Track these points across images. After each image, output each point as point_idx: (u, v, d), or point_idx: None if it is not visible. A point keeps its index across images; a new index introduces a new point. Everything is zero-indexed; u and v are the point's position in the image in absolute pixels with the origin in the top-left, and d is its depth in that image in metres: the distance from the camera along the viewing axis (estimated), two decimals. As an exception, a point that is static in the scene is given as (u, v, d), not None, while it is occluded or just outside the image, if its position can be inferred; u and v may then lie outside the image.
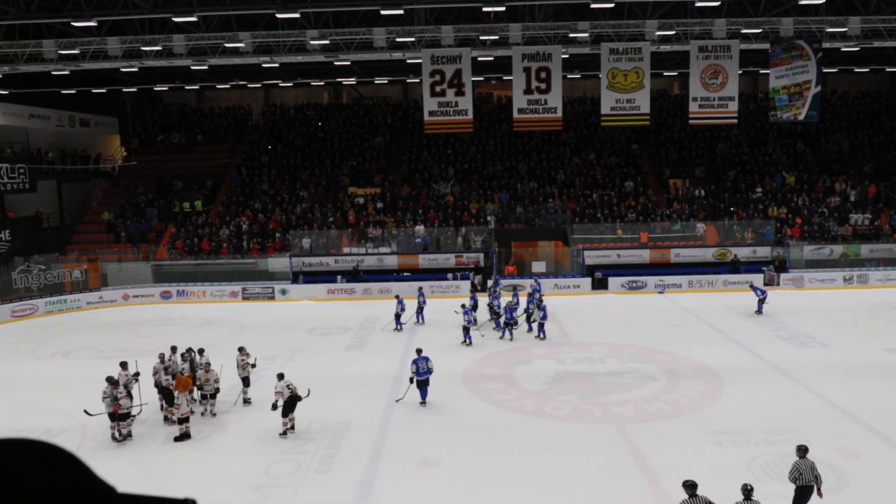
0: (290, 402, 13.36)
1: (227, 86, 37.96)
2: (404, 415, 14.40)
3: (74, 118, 35.52)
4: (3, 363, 19.91)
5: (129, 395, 13.61)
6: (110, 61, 24.79)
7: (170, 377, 14.52)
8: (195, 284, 28.62)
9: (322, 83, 38.29)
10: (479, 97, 39.38)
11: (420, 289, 23.78)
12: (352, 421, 14.04)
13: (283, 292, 28.20)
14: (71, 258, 29.90)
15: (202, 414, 14.57)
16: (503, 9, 22.66)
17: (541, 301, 21.06)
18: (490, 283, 25.29)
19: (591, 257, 28.78)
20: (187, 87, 38.04)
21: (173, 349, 15.90)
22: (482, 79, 36.90)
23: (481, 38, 25.25)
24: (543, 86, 25.88)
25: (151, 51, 24.06)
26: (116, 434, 13.34)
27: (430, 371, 14.81)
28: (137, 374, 14.57)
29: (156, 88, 36.83)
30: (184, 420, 13.41)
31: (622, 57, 25.47)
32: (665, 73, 37.58)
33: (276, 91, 41.98)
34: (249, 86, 38.21)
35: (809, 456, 9.47)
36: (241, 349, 15.91)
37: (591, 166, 34.85)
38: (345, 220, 31.61)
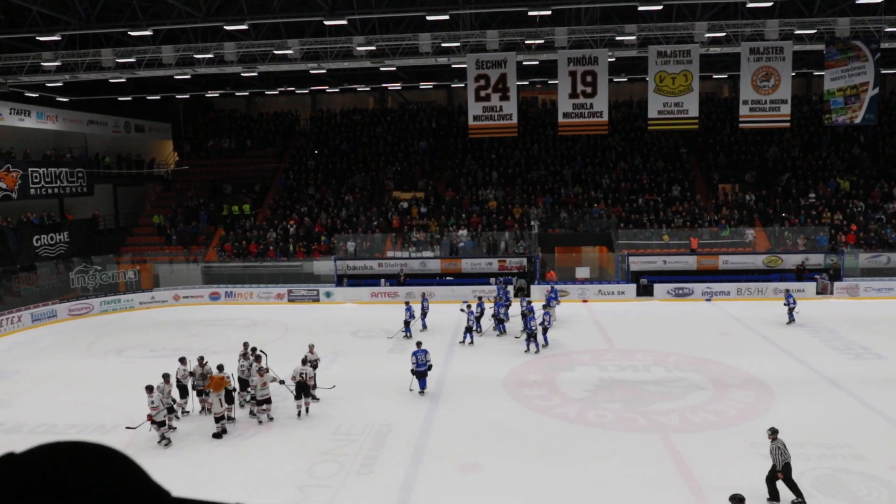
0: (302, 387, 13.99)
1: (276, 92, 38.71)
2: (446, 418, 14.43)
3: (130, 124, 36.73)
4: (60, 359, 20.66)
5: (182, 391, 14.08)
6: (164, 69, 25.55)
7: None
8: (243, 286, 29.24)
9: (368, 89, 38.77)
10: (524, 101, 39.25)
11: (423, 294, 23.93)
12: (393, 423, 14.13)
13: (328, 295, 28.58)
14: (125, 259, 30.89)
15: (259, 422, 14.46)
16: (549, 12, 22.58)
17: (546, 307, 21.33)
18: (496, 290, 25.21)
19: (637, 263, 28.38)
20: (237, 94, 38.94)
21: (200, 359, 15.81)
22: (527, 83, 36.82)
23: (526, 42, 25.19)
24: (589, 89, 25.66)
25: (203, 58, 24.71)
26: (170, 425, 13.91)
27: (427, 363, 15.93)
28: (192, 373, 15.02)
29: (207, 95, 37.79)
30: (219, 418, 13.79)
31: (670, 60, 25.08)
32: (714, 76, 36.88)
33: (323, 97, 42.63)
34: (297, 92, 38.89)
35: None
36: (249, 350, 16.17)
37: (637, 171, 34.38)
38: (389, 224, 31.87)
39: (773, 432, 10.64)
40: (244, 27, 22.25)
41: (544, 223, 31.15)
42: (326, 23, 21.82)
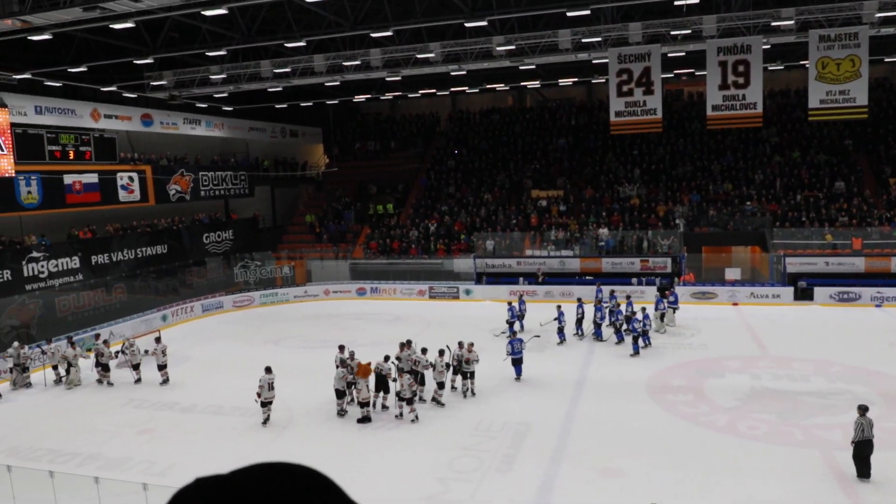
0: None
1: (418, 94, 39.84)
2: (586, 421, 14.27)
3: (286, 129, 39.38)
4: (226, 347, 22.60)
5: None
6: (316, 77, 27.12)
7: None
8: (387, 282, 30.45)
9: (507, 88, 38.89)
10: (669, 94, 37.64)
11: (521, 295, 23.57)
12: (532, 423, 14.18)
13: (468, 292, 29.09)
14: (281, 256, 33.20)
15: (399, 416, 15.46)
16: (696, 0, 21.55)
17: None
18: (598, 293, 24.14)
19: (794, 264, 26.38)
20: (382, 98, 40.50)
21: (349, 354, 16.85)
22: (672, 75, 35.25)
23: (672, 33, 24.17)
24: (741, 80, 24.17)
25: (351, 65, 25.95)
26: (341, 409, 15.08)
27: (522, 352, 17.04)
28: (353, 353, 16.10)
29: (354, 100, 39.61)
30: (364, 404, 14.57)
31: (834, 44, 23.07)
32: (887, 60, 33.42)
33: (462, 97, 43.32)
34: (438, 93, 39.79)
35: None
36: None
37: (795, 165, 31.97)
38: (527, 222, 31.88)
39: (862, 409, 11.13)
40: (389, 33, 23.12)
41: (690, 221, 29.78)
42: (467, 24, 22.18)
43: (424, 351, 16.18)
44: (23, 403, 17.55)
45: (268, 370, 15.34)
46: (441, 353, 15.74)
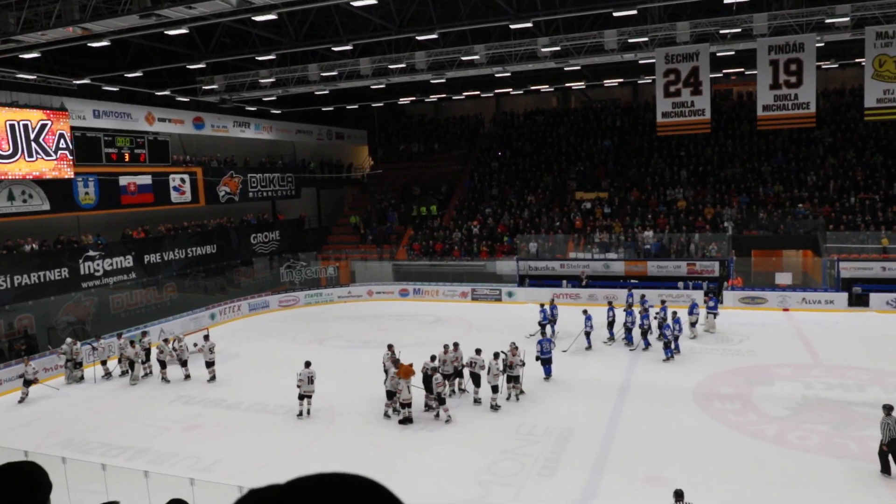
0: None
1: (462, 96, 39.91)
2: (630, 427, 14.08)
3: (332, 132, 39.92)
4: (271, 346, 23.02)
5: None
6: (362, 80, 27.42)
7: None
8: (429, 284, 30.56)
9: (551, 89, 38.63)
10: (717, 95, 36.91)
11: (553, 299, 23.22)
12: (575, 428, 14.06)
13: (510, 294, 28.99)
14: (326, 257, 33.65)
15: (436, 416, 15.53)
16: (747, -2, 21.07)
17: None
18: (628, 298, 23.63)
19: (848, 269, 25.52)
20: (426, 100, 40.70)
21: (391, 355, 16.99)
22: (720, 75, 34.52)
23: (721, 32, 23.66)
24: (793, 79, 23.52)
25: (396, 68, 26.15)
26: (389, 411, 15.16)
27: (551, 352, 17.23)
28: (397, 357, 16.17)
29: (399, 102, 39.91)
30: (406, 405, 14.63)
31: (892, 41, 22.23)
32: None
33: (506, 99, 43.22)
34: (482, 95, 39.79)
35: None
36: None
37: (849, 166, 30.95)
38: (571, 224, 31.61)
39: (888, 409, 11.36)
40: (434, 36, 23.20)
41: (739, 224, 29.10)
42: (512, 26, 22.12)
43: (478, 352, 16.16)
44: (76, 397, 18.20)
45: (307, 364, 15.85)
46: (496, 355, 15.72)
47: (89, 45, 19.55)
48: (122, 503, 4.47)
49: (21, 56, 20.04)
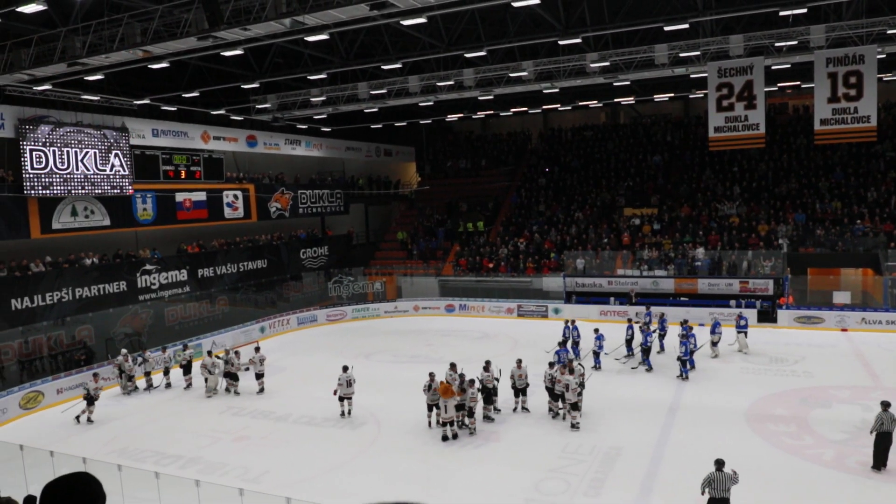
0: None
1: (510, 112, 39.97)
2: (679, 448, 13.74)
3: (380, 149, 40.49)
4: (319, 359, 23.29)
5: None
6: (411, 97, 27.76)
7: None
8: (475, 300, 30.53)
9: (600, 104, 38.38)
10: (772, 108, 36.11)
11: (573, 322, 22.61)
12: (623, 447, 13.81)
13: (556, 311, 28.72)
14: (373, 272, 34.00)
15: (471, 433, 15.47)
16: (804, 10, 20.56)
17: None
18: (644, 316, 23.06)
19: (913, 289, 24.50)
20: (474, 116, 40.91)
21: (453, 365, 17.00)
22: (775, 88, 33.75)
23: (776, 44, 23.17)
24: (853, 92, 22.82)
25: (444, 85, 26.41)
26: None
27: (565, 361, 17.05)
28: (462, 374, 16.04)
29: (447, 119, 40.22)
30: (447, 423, 14.57)
31: (959, 52, 21.44)
32: None
33: (554, 115, 43.11)
34: (530, 111, 39.78)
35: None
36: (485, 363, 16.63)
37: (914, 182, 29.78)
38: (619, 241, 31.21)
39: (885, 405, 12.18)
40: (482, 53, 23.39)
41: (795, 241, 28.25)
42: (560, 42, 22.12)
43: (487, 365, 16.27)
44: (131, 407, 18.75)
45: (345, 369, 16.76)
46: (576, 372, 15.81)
47: (149, 66, 20.35)
48: None
49: (86, 78, 20.98)
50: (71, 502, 2.33)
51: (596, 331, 20.55)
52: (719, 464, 10.38)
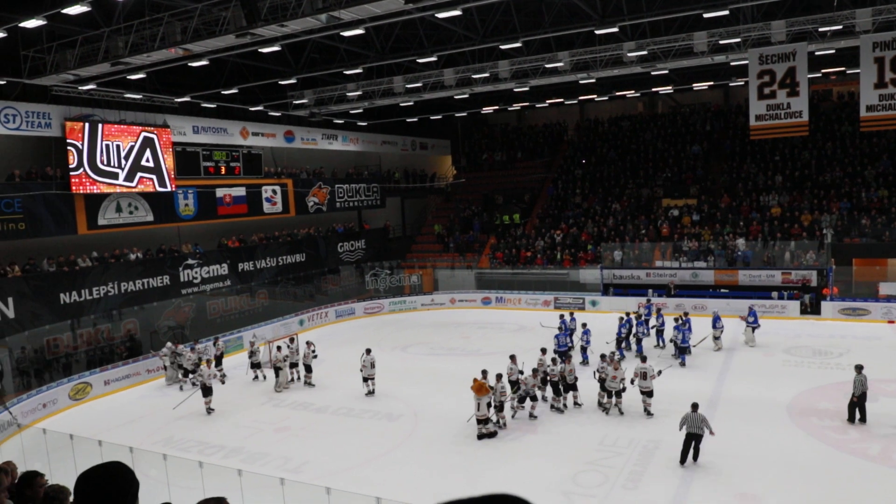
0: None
1: (545, 104, 39.70)
2: (720, 442, 13.54)
3: (416, 142, 40.61)
4: (356, 352, 23.40)
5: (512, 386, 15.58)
6: (446, 90, 27.79)
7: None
8: (511, 292, 30.50)
9: (637, 94, 37.85)
10: (815, 95, 35.13)
11: (572, 313, 22.49)
12: (662, 440, 13.70)
13: (594, 303, 28.52)
14: (410, 265, 34.19)
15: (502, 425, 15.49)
16: (849, -7, 19.99)
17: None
18: (643, 308, 22.75)
19: (966, 279, 23.68)
20: (509, 108, 40.75)
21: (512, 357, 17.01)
22: (819, 75, 32.84)
23: (820, 29, 22.54)
24: (901, 77, 22.10)
25: (480, 77, 26.35)
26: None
27: (567, 346, 19.02)
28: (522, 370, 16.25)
29: (482, 111, 40.14)
30: (481, 421, 14.32)
31: None
32: None
33: (590, 105, 42.65)
34: (566, 102, 39.46)
35: None
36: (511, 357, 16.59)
37: (967, 169, 28.73)
38: (658, 232, 30.81)
39: (859, 368, 13.94)
40: (518, 45, 23.25)
41: (840, 231, 27.52)
42: (597, 32, 21.88)
43: (513, 358, 16.47)
44: (176, 398, 19.22)
45: (368, 351, 17.70)
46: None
47: (189, 64, 20.77)
48: (227, 500, 4.70)
49: (128, 77, 21.51)
50: (104, 491, 2.42)
51: (584, 326, 20.59)
52: (694, 406, 12.69)
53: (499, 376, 15.24)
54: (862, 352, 19.75)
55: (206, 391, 17.40)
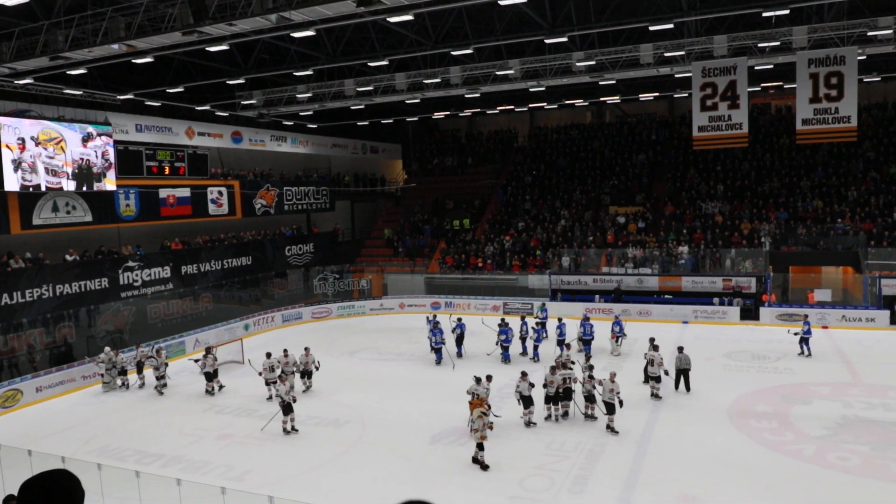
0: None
1: (496, 111, 40.05)
2: (663, 444, 13.85)
3: (366, 146, 40.39)
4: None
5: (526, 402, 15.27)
6: (397, 94, 27.72)
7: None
8: (461, 297, 30.56)
9: (586, 103, 38.54)
10: (755, 108, 36.41)
11: (523, 316, 23.14)
12: (607, 444, 13.90)
13: (542, 309, 28.75)
14: (359, 269, 33.91)
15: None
16: (787, 11, 20.75)
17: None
18: (537, 310, 23.91)
19: (891, 287, 24.79)
20: (461, 114, 40.94)
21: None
22: (758, 89, 34.09)
23: (759, 45, 23.39)
24: (834, 93, 23.09)
25: (431, 83, 26.39)
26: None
27: (510, 341, 20.65)
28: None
29: (433, 117, 40.21)
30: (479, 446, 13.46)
31: (939, 54, 21.74)
32: None
33: (541, 113, 43.23)
34: (516, 110, 39.87)
35: None
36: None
37: (892, 181, 30.15)
38: (604, 239, 31.37)
39: (680, 349, 17.21)
40: (469, 51, 23.37)
41: (777, 240, 28.54)
42: (547, 41, 22.17)
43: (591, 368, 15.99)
44: (113, 405, 18.58)
45: (268, 355, 18.47)
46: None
47: (133, 61, 20.16)
48: None
49: (68, 72, 20.75)
50: (49, 500, 2.31)
51: (501, 321, 21.54)
52: (680, 349, 16.33)
53: (489, 377, 15.17)
54: (797, 356, 20.49)
55: (287, 409, 15.51)
